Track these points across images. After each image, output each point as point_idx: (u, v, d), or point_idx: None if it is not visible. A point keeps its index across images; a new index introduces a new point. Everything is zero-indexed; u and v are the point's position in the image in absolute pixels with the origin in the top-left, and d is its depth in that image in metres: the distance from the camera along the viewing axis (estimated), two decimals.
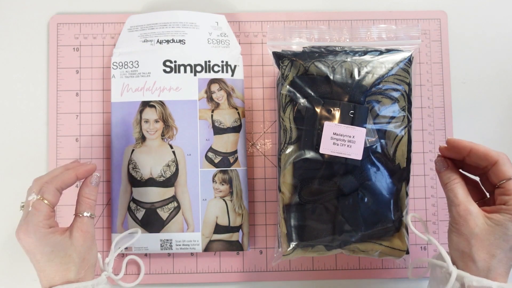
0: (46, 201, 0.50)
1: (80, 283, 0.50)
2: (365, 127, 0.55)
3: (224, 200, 0.63)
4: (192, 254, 0.64)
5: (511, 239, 0.48)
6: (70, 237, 0.51)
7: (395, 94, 0.56)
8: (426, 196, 0.66)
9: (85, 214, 0.53)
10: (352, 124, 0.55)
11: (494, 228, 0.48)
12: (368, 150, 0.56)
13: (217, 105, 0.64)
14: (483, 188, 0.54)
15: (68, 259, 0.50)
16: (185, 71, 0.64)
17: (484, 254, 0.48)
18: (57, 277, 0.50)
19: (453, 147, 0.52)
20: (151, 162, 0.63)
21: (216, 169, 0.63)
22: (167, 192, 0.63)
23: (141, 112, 0.63)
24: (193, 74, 0.64)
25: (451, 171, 0.52)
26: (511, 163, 0.49)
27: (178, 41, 0.64)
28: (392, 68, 0.56)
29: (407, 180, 0.57)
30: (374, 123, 0.56)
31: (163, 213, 0.62)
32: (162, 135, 0.63)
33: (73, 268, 0.50)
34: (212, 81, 0.64)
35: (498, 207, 0.49)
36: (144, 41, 0.65)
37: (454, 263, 0.51)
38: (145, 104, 0.63)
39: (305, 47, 0.59)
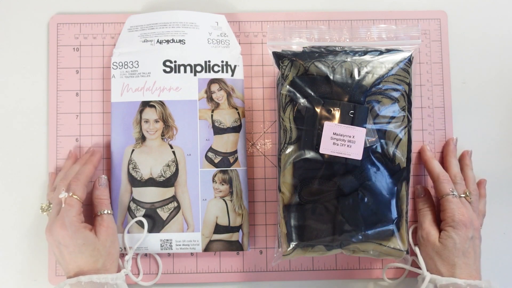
0: (76, 197, 0.57)
1: (101, 275, 0.55)
2: (365, 127, 0.55)
3: (224, 200, 0.63)
4: (192, 254, 0.64)
5: (460, 246, 0.56)
6: (96, 234, 0.57)
7: (395, 94, 0.56)
8: None
9: (102, 212, 0.59)
10: (352, 124, 0.55)
11: (445, 242, 0.56)
12: (368, 150, 0.56)
13: (217, 105, 0.64)
14: None
15: (96, 253, 0.56)
16: (185, 71, 0.64)
17: (446, 266, 0.56)
18: (86, 268, 0.55)
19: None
20: (151, 162, 0.63)
21: (216, 169, 0.63)
22: (167, 192, 0.63)
23: (141, 112, 0.63)
24: (193, 74, 0.64)
25: (426, 199, 0.62)
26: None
27: (178, 41, 0.64)
28: (392, 68, 0.56)
29: (407, 180, 0.57)
30: (374, 123, 0.56)
31: (163, 213, 0.62)
32: (162, 135, 0.63)
33: (100, 260, 0.56)
34: (212, 81, 0.64)
35: (441, 224, 0.58)
36: (144, 41, 0.65)
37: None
38: (145, 104, 0.63)
39: (305, 47, 0.59)
